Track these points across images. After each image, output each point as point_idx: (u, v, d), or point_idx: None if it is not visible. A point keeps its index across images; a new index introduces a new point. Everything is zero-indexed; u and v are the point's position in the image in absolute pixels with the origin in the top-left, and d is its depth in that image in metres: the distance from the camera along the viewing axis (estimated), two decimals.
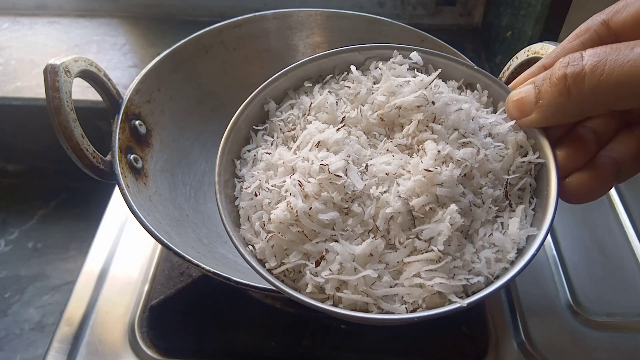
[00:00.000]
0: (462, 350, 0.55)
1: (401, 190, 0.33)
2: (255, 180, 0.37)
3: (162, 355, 0.55)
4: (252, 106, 0.41)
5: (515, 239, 0.34)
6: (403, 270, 0.33)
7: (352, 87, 0.40)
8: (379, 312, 0.32)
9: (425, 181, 0.33)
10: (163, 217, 0.51)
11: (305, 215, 0.33)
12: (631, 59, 0.28)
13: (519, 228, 0.34)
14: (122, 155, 0.50)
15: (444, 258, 0.32)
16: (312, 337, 0.55)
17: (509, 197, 0.35)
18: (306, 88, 0.42)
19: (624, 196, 0.70)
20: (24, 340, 0.76)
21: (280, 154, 0.37)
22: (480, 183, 0.35)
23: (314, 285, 0.33)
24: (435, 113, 0.36)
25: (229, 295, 0.57)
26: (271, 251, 0.35)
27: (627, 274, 0.62)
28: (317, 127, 0.37)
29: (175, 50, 0.60)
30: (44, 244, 0.89)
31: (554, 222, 0.34)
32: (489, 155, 0.35)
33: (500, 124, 0.36)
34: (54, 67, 0.44)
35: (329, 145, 0.36)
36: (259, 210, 0.37)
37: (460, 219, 0.33)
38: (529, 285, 0.61)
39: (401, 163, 0.35)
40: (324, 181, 0.34)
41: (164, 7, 1.02)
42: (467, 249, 0.33)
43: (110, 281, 0.62)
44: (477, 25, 1.00)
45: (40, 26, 1.01)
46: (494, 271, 0.33)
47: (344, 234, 0.34)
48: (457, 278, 0.32)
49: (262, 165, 0.38)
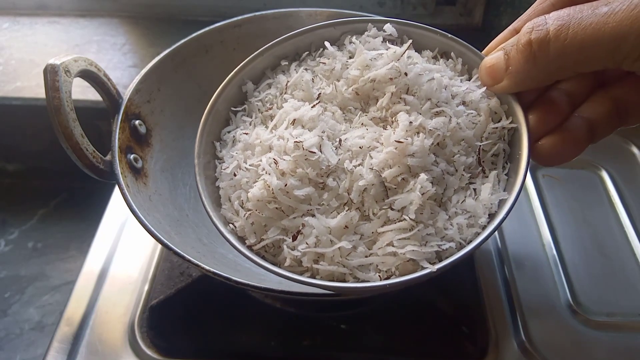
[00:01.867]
0: (462, 350, 0.55)
1: (374, 162, 0.34)
2: (234, 160, 0.38)
3: (162, 355, 0.55)
4: (230, 88, 0.42)
5: (487, 204, 0.35)
6: (377, 240, 0.34)
7: (328, 63, 0.40)
8: (355, 281, 0.34)
9: (397, 152, 0.34)
10: (163, 217, 0.51)
11: (281, 192, 0.34)
12: (593, 22, 0.29)
13: (490, 193, 0.35)
14: (122, 155, 0.50)
15: (416, 226, 0.33)
16: (312, 337, 0.55)
17: (482, 163, 0.36)
18: (283, 67, 0.43)
19: (624, 196, 0.70)
20: (24, 340, 0.76)
21: (257, 134, 0.38)
22: (453, 151, 0.35)
23: (292, 259, 0.34)
24: (408, 84, 0.36)
25: (229, 295, 0.57)
26: (250, 228, 0.36)
27: (627, 274, 0.62)
28: (292, 106, 0.38)
29: (175, 50, 0.60)
30: (44, 244, 0.88)
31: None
32: (461, 124, 0.35)
33: (473, 91, 0.37)
34: (54, 67, 0.44)
35: (304, 122, 0.37)
36: (238, 190, 0.38)
37: (432, 188, 0.33)
38: (529, 285, 0.61)
39: (375, 136, 0.36)
40: (299, 158, 0.35)
41: (164, 7, 1.02)
42: (440, 216, 0.34)
43: (110, 281, 0.62)
44: (478, 24, 1.00)
45: (40, 26, 1.01)
46: (466, 236, 0.34)
47: (320, 208, 0.35)
48: (429, 245, 0.33)
49: (240, 146, 0.39)
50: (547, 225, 0.67)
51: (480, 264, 0.63)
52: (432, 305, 0.55)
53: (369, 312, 0.57)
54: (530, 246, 0.65)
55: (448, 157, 0.35)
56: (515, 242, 0.66)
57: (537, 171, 0.74)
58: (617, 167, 0.74)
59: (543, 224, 0.67)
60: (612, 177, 0.73)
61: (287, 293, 0.43)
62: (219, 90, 0.42)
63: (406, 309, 0.57)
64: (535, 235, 0.67)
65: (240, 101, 0.43)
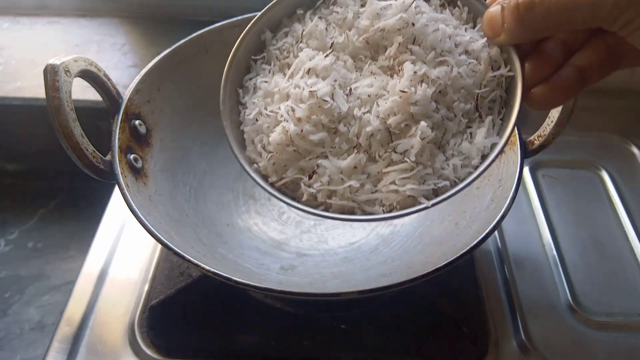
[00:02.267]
0: (462, 350, 0.55)
1: (380, 110, 0.38)
2: (255, 107, 0.42)
3: (162, 355, 0.55)
4: (249, 37, 0.45)
5: (480, 147, 0.38)
6: (382, 179, 0.39)
7: (340, 12, 0.42)
8: (362, 214, 0.39)
9: (401, 101, 0.37)
10: (163, 217, 0.51)
11: (298, 137, 0.39)
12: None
13: (484, 137, 0.38)
14: (122, 155, 0.50)
15: (416, 167, 0.37)
16: (312, 337, 0.55)
17: (479, 109, 0.39)
18: (299, 15, 0.45)
19: (624, 196, 0.70)
20: (24, 340, 0.76)
21: (275, 82, 0.42)
22: (453, 98, 0.38)
23: (309, 195, 0.40)
24: (415, 34, 0.39)
25: (229, 295, 0.57)
26: (272, 168, 0.41)
27: (627, 274, 0.62)
28: (307, 55, 0.41)
29: (175, 50, 0.60)
30: (44, 244, 0.88)
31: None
32: (462, 73, 0.38)
33: (476, 40, 0.39)
34: (54, 67, 0.44)
35: (318, 71, 0.40)
36: (260, 134, 0.42)
37: (431, 133, 0.37)
38: (529, 285, 0.61)
39: (382, 84, 0.39)
40: (313, 106, 0.39)
41: (164, 7, 1.02)
42: (438, 158, 0.38)
43: (110, 281, 0.62)
44: None
45: (40, 26, 1.01)
46: (460, 175, 0.38)
47: (332, 150, 0.39)
48: (427, 183, 0.38)
49: (261, 93, 0.43)
50: (547, 225, 0.67)
51: (480, 264, 0.63)
52: (432, 305, 0.55)
53: (368, 312, 0.57)
54: (530, 246, 0.65)
55: (448, 104, 0.38)
56: (515, 242, 0.66)
57: (537, 171, 0.74)
58: (617, 167, 0.74)
59: (543, 224, 0.67)
60: (612, 177, 0.73)
61: (287, 293, 0.43)
62: (239, 40, 0.44)
63: (406, 309, 0.57)
64: (535, 235, 0.67)
65: (259, 49, 0.46)
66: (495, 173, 0.54)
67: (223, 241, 0.56)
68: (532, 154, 0.52)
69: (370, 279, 0.52)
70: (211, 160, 0.64)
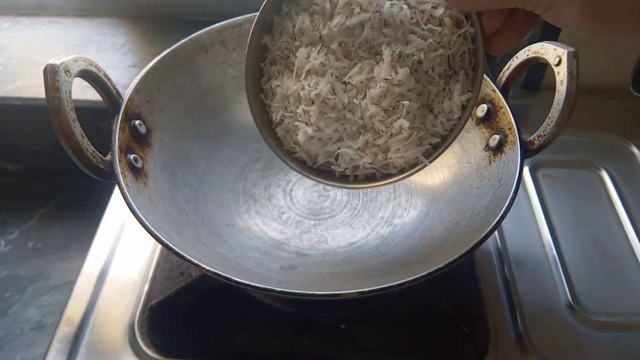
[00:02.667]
0: (462, 350, 0.55)
1: (373, 96, 0.45)
2: (278, 110, 0.49)
3: (162, 355, 0.55)
4: (253, 47, 0.49)
5: (457, 102, 0.45)
6: (390, 148, 0.47)
7: (319, 3, 0.46)
8: (383, 177, 0.49)
9: (386, 86, 0.44)
10: (163, 217, 0.51)
11: (317, 134, 0.47)
12: None
13: (460, 93, 0.45)
14: (122, 155, 0.50)
15: (412, 134, 0.46)
16: (312, 337, 0.55)
17: (452, 67, 0.45)
18: (286, 12, 0.48)
19: (624, 196, 0.70)
20: (24, 340, 0.76)
21: (287, 86, 0.48)
22: (429, 65, 0.44)
23: (339, 172, 0.50)
24: (385, 18, 0.44)
25: (229, 295, 0.57)
26: (306, 156, 0.50)
27: (627, 274, 0.62)
28: (303, 54, 0.46)
29: (175, 50, 0.60)
30: (44, 244, 0.89)
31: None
32: (432, 41, 0.43)
33: (437, 6, 0.43)
34: (54, 67, 0.44)
35: (316, 70, 0.46)
36: (289, 132, 0.50)
37: (416, 105, 0.45)
38: (529, 285, 0.61)
39: (369, 69, 0.45)
40: (321, 106, 0.46)
41: (164, 7, 1.02)
42: (428, 118, 0.46)
43: (110, 281, 0.62)
44: None
45: (40, 26, 1.01)
46: (447, 127, 0.47)
47: (345, 133, 0.47)
48: (424, 144, 0.47)
49: (279, 97, 0.49)
50: (547, 225, 0.67)
51: (480, 264, 0.63)
52: (432, 305, 0.55)
53: (369, 312, 0.57)
54: (530, 246, 0.65)
55: (426, 71, 0.45)
56: (515, 242, 0.66)
57: (537, 171, 0.74)
58: (617, 167, 0.74)
59: (543, 224, 0.67)
60: (612, 177, 0.73)
61: (287, 293, 0.43)
62: (247, 53, 0.48)
63: (406, 309, 0.57)
64: (535, 235, 0.67)
65: (264, 52, 0.50)
66: (495, 173, 0.54)
67: (223, 241, 0.56)
68: (532, 154, 0.52)
69: (370, 279, 0.52)
70: (211, 160, 0.64)
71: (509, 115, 0.54)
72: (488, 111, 0.57)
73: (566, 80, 0.48)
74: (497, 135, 0.56)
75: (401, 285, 0.42)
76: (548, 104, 0.50)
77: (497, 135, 0.55)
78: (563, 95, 0.48)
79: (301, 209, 0.64)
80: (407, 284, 0.42)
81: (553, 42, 0.51)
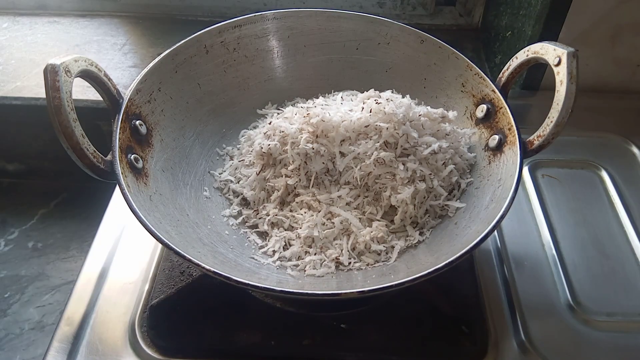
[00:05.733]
0: (462, 350, 0.55)
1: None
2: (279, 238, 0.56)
3: (162, 355, 0.55)
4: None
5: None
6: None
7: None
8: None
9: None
10: (163, 217, 0.51)
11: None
12: None
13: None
14: (123, 155, 0.50)
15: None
16: (312, 337, 0.55)
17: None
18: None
19: (624, 196, 0.70)
20: (24, 340, 0.76)
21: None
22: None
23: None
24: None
25: (229, 295, 0.57)
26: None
27: (627, 274, 0.62)
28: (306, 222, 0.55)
29: (175, 50, 0.60)
30: (44, 244, 0.89)
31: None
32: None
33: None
34: (54, 67, 0.44)
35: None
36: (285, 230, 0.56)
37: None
38: (529, 285, 0.61)
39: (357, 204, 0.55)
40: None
41: (164, 7, 1.02)
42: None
43: (110, 281, 0.62)
44: (477, 25, 1.00)
45: (40, 26, 1.01)
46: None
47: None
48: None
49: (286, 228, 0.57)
50: (546, 225, 0.67)
51: (480, 264, 0.63)
52: (432, 305, 0.55)
53: (369, 312, 0.57)
54: (530, 246, 0.65)
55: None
56: (515, 242, 0.66)
57: (536, 171, 0.74)
58: (617, 167, 0.74)
59: (543, 223, 0.67)
60: (612, 177, 0.73)
61: (287, 293, 0.43)
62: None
63: (406, 309, 0.57)
64: (535, 235, 0.67)
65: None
66: (495, 173, 0.54)
67: (223, 240, 0.56)
68: (532, 154, 0.52)
69: (371, 279, 0.52)
70: (211, 160, 0.64)
71: (508, 116, 0.54)
72: (488, 111, 0.57)
73: (566, 81, 0.48)
74: (497, 135, 0.56)
75: (401, 285, 0.42)
76: (548, 104, 0.50)
77: (497, 136, 0.56)
78: (563, 95, 0.48)
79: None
80: (407, 283, 0.42)
81: (553, 43, 0.51)
